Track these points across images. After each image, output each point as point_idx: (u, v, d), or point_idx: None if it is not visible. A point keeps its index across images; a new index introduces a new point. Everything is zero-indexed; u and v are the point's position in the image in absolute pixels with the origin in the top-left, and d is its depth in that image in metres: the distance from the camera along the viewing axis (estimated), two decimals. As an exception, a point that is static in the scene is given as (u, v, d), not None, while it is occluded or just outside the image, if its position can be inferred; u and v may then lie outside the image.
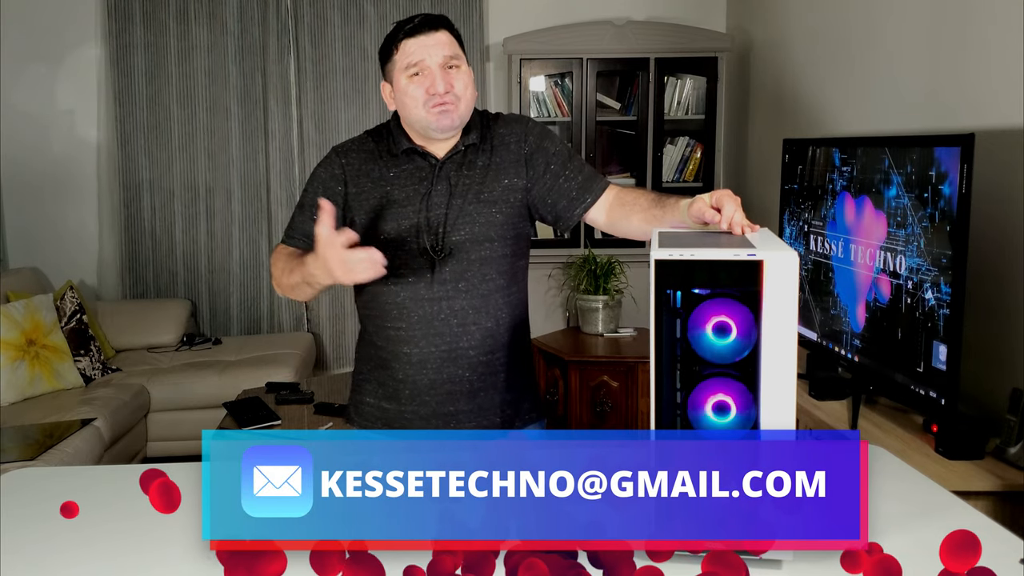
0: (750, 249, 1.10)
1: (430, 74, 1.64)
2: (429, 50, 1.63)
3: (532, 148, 1.74)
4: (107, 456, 3.40)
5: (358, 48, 4.53)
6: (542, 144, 1.74)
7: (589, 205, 1.72)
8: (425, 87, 1.64)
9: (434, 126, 1.66)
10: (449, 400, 1.71)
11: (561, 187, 1.72)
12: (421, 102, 1.64)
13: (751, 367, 1.09)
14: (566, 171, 1.73)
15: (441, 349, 1.69)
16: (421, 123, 1.67)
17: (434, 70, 1.64)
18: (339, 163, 1.74)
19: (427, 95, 1.64)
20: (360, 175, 1.72)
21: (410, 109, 1.67)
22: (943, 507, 1.36)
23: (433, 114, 1.65)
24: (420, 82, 1.64)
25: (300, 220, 1.74)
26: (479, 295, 1.69)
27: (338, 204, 1.70)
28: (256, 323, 4.71)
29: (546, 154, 1.73)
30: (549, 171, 1.72)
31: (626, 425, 3.83)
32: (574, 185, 1.72)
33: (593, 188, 1.72)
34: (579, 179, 1.73)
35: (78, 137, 4.61)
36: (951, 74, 2.54)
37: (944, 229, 2.08)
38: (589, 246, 4.33)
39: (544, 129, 1.79)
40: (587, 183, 1.73)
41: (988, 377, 2.32)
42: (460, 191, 1.69)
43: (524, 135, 1.75)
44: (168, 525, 1.35)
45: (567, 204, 1.72)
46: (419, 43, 1.64)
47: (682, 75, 4.39)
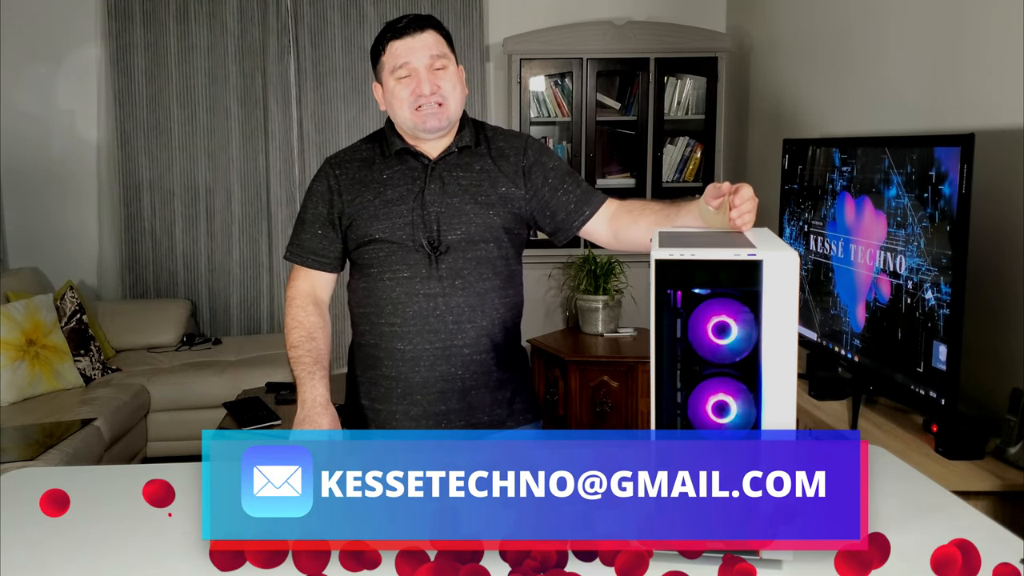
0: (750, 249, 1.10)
1: (416, 76, 1.66)
2: (415, 52, 1.65)
3: (531, 162, 1.75)
4: (107, 456, 3.40)
5: (358, 48, 4.53)
6: (540, 159, 1.76)
7: (588, 217, 1.74)
8: (411, 89, 1.66)
9: (421, 127, 1.68)
10: (440, 399, 1.72)
11: (559, 200, 1.74)
12: (407, 104, 1.66)
13: (751, 367, 1.09)
14: (564, 184, 1.75)
15: (435, 346, 1.70)
16: (408, 124, 1.70)
17: (420, 71, 1.65)
18: (332, 175, 1.76)
19: (413, 96, 1.66)
20: (354, 182, 1.74)
21: (397, 110, 1.69)
22: (943, 507, 1.36)
23: (419, 116, 1.67)
24: (407, 84, 1.66)
25: (307, 237, 1.77)
26: (476, 293, 1.70)
27: (335, 214, 1.74)
28: (256, 323, 4.71)
29: (544, 168, 1.75)
30: (547, 184, 1.74)
31: (626, 425, 3.83)
32: (572, 199, 1.74)
33: (592, 201, 1.74)
34: (577, 192, 1.75)
35: (78, 137, 4.61)
36: (951, 74, 2.54)
37: (944, 229, 2.08)
38: (589, 246, 4.33)
39: (543, 145, 1.82)
40: (585, 196, 1.75)
41: (988, 377, 2.32)
42: (455, 190, 1.70)
43: (523, 149, 1.77)
44: (168, 525, 1.35)
45: (565, 216, 1.74)
46: (405, 45, 1.65)
47: (682, 75, 4.39)
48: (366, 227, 1.70)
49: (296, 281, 1.77)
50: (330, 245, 1.76)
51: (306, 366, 1.69)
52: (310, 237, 1.76)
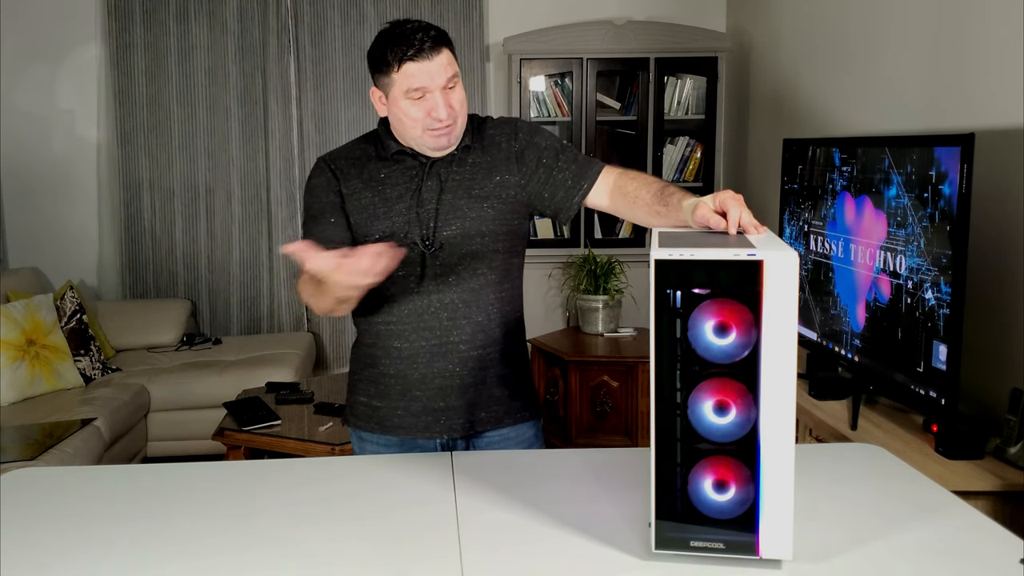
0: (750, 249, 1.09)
1: (432, 98, 1.62)
2: (433, 76, 1.61)
3: (523, 145, 1.74)
4: (107, 456, 3.40)
5: (358, 48, 4.53)
6: (532, 140, 1.75)
7: (587, 191, 1.71)
8: (426, 110, 1.62)
9: (431, 146, 1.66)
10: (439, 395, 1.72)
11: (556, 179, 1.72)
12: (421, 123, 1.63)
13: (751, 367, 1.09)
14: (559, 163, 1.73)
15: (431, 343, 1.70)
16: (417, 142, 1.67)
17: (437, 95, 1.62)
18: (328, 169, 1.74)
19: (428, 118, 1.62)
20: (351, 177, 1.72)
21: (408, 128, 1.65)
22: (943, 507, 1.36)
23: (431, 136, 1.64)
24: (421, 105, 1.62)
25: (319, 230, 1.70)
26: (469, 289, 1.70)
27: (339, 206, 1.71)
28: (256, 323, 4.71)
29: (537, 149, 1.73)
30: (542, 165, 1.72)
31: (626, 425, 3.83)
32: (568, 175, 1.72)
33: (588, 174, 1.72)
34: (573, 168, 1.72)
35: (78, 137, 4.62)
36: (951, 74, 2.54)
37: (944, 229, 2.08)
38: (589, 246, 4.33)
39: (533, 126, 1.79)
40: (581, 170, 1.72)
41: (988, 377, 2.32)
42: (451, 187, 1.69)
43: (514, 133, 1.75)
44: (167, 525, 1.35)
45: (564, 194, 1.72)
46: (422, 68, 1.60)
47: (682, 75, 4.39)
48: (366, 227, 1.69)
49: (304, 284, 1.70)
50: (344, 232, 1.70)
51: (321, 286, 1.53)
52: (323, 228, 1.70)
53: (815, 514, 1.31)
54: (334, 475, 1.56)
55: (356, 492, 1.48)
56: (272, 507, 1.42)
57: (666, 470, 1.13)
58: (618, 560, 1.19)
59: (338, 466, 1.62)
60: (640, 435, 3.76)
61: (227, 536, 1.31)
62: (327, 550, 1.26)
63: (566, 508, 1.36)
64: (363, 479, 1.54)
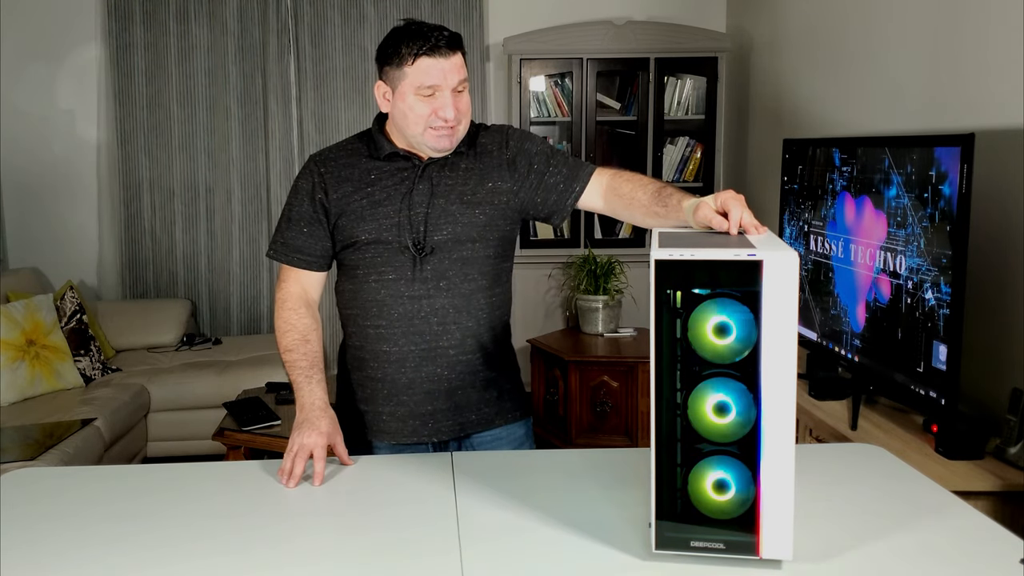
0: (750, 249, 1.09)
1: (442, 97, 1.62)
2: (447, 75, 1.61)
3: (514, 152, 1.74)
4: (107, 456, 3.40)
5: (358, 48, 4.53)
6: (523, 146, 1.75)
7: (579, 193, 1.71)
8: (434, 108, 1.62)
9: (432, 146, 1.66)
10: (427, 399, 1.72)
11: (548, 183, 1.72)
12: (425, 121, 1.63)
13: (751, 367, 1.09)
14: (550, 167, 1.73)
15: (420, 347, 1.70)
16: (417, 140, 1.67)
17: (447, 95, 1.62)
18: (317, 172, 1.74)
19: (434, 116, 1.62)
20: (340, 180, 1.72)
21: (411, 124, 1.65)
22: (943, 507, 1.36)
23: (432, 136, 1.64)
24: (429, 102, 1.62)
25: (292, 235, 1.74)
26: (460, 294, 1.70)
27: (320, 212, 1.72)
28: (256, 323, 4.71)
29: (528, 155, 1.74)
30: (533, 171, 1.73)
31: (626, 425, 3.83)
32: (560, 179, 1.72)
33: (580, 176, 1.72)
34: (564, 171, 1.73)
35: (78, 137, 4.61)
36: (951, 74, 2.54)
37: (944, 229, 2.08)
38: (589, 246, 4.33)
39: (523, 132, 1.80)
40: (573, 173, 1.72)
41: (988, 377, 2.32)
42: (442, 191, 1.69)
43: (505, 140, 1.75)
44: (167, 525, 1.35)
45: (557, 198, 1.72)
46: (438, 65, 1.60)
47: (682, 75, 4.39)
48: (352, 228, 1.69)
49: (286, 283, 1.76)
50: (316, 243, 1.73)
51: (303, 370, 1.68)
52: (295, 235, 1.74)
53: (815, 514, 1.31)
54: (334, 475, 1.56)
55: (356, 492, 1.48)
56: (272, 507, 1.42)
57: (666, 470, 1.13)
58: (618, 560, 1.19)
59: (337, 466, 1.62)
60: (640, 435, 3.76)
61: (227, 536, 1.31)
62: (327, 550, 1.26)
63: (566, 508, 1.36)
64: (363, 479, 1.54)
